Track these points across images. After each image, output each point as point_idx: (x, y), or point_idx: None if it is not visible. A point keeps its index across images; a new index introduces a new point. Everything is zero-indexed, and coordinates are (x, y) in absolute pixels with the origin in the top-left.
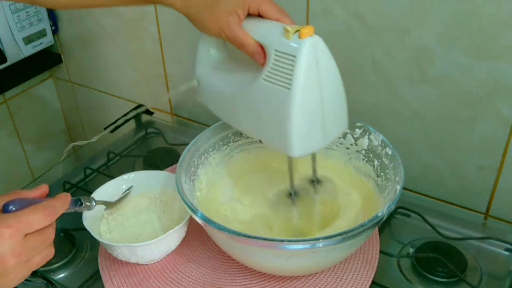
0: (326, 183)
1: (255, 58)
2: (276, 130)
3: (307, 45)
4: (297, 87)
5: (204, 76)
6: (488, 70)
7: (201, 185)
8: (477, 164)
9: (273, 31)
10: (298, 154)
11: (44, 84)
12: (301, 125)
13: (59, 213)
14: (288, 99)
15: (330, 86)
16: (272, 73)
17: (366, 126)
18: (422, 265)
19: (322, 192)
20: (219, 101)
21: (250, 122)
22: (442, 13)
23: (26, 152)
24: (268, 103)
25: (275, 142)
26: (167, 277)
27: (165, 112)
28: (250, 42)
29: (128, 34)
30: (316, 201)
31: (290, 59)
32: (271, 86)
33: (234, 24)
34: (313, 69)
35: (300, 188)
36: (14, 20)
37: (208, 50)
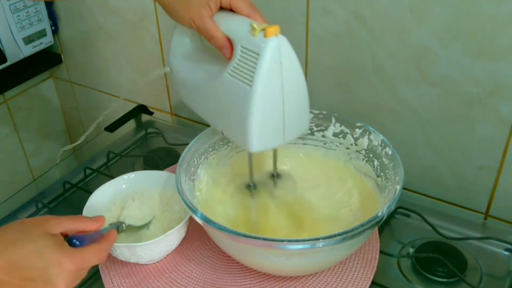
0: (285, 178)
1: (222, 51)
2: (237, 125)
3: (271, 44)
4: (258, 84)
5: (176, 65)
6: (488, 70)
7: (201, 185)
8: (477, 164)
9: (241, 27)
10: (256, 149)
11: (44, 84)
12: (261, 122)
13: (107, 249)
14: (249, 95)
15: (292, 86)
16: (236, 69)
17: (366, 126)
18: (422, 265)
19: (281, 186)
20: (188, 90)
21: (214, 114)
22: (442, 13)
23: (26, 152)
24: (231, 97)
25: (236, 136)
26: (167, 277)
27: (165, 112)
28: (218, 35)
29: (128, 34)
30: (275, 194)
31: (254, 56)
32: (234, 81)
33: (205, 16)
34: (275, 68)
35: (260, 181)
36: (14, 20)
37: (183, 40)
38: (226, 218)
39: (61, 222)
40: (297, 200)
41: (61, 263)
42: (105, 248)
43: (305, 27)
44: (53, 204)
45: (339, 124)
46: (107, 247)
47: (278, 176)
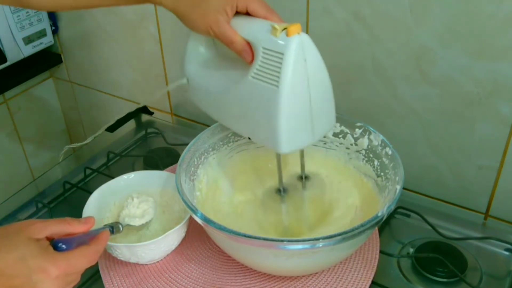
0: (314, 179)
1: (242, 56)
2: (264, 127)
3: (294, 42)
4: (284, 84)
5: (193, 74)
6: (488, 70)
7: (201, 185)
8: (477, 164)
9: (261, 29)
10: (286, 150)
11: (44, 84)
12: (289, 121)
13: (98, 252)
14: (276, 96)
15: (317, 83)
16: (260, 71)
17: (366, 126)
18: (422, 265)
19: (310, 187)
20: (208, 99)
21: (239, 120)
22: (442, 13)
23: (26, 152)
24: (256, 100)
25: (264, 139)
26: (167, 277)
27: (165, 112)
28: (238, 39)
29: (128, 34)
30: (305, 196)
31: (278, 57)
32: (259, 83)
33: (222, 22)
34: (300, 66)
35: (289, 184)
36: (14, 20)
37: (197, 48)
38: (258, 224)
39: (45, 225)
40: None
41: (45, 269)
42: (95, 250)
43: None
44: (53, 204)
45: (339, 124)
46: (98, 249)
47: (307, 178)
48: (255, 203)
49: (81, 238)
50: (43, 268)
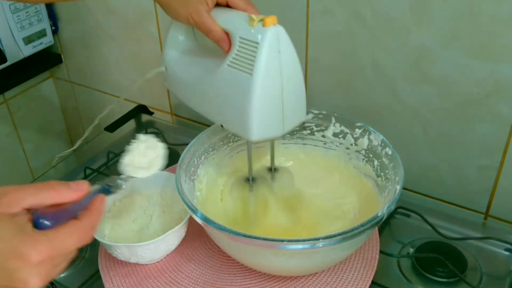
0: (283, 172)
1: (220, 44)
2: (237, 115)
3: (269, 33)
4: (258, 72)
5: (171, 62)
6: (488, 70)
7: (201, 185)
8: (477, 164)
9: (239, 20)
10: (256, 138)
11: (44, 84)
12: (261, 109)
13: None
14: (250, 84)
15: (290, 76)
16: (236, 59)
17: (366, 126)
18: (422, 265)
19: (278, 180)
20: (184, 87)
21: (213, 107)
22: (442, 13)
23: (26, 152)
24: (231, 88)
25: (236, 126)
26: (167, 277)
27: (165, 112)
28: (216, 28)
29: (128, 34)
30: (273, 187)
31: (253, 46)
32: (234, 71)
33: (202, 11)
34: (274, 57)
35: (258, 175)
36: (14, 20)
37: (177, 38)
38: (224, 210)
39: (22, 195)
40: (295, 194)
41: (22, 255)
42: (88, 225)
43: (305, 27)
44: None
45: (339, 124)
46: (91, 223)
47: (276, 170)
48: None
49: (70, 209)
50: (20, 253)
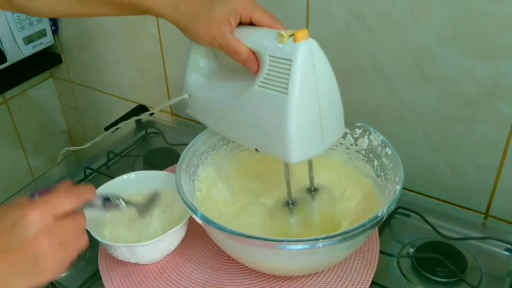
0: (323, 192)
1: (248, 65)
2: (273, 137)
3: (302, 48)
4: (294, 90)
5: (195, 89)
6: (488, 70)
7: (201, 185)
8: (477, 164)
9: (266, 38)
10: (296, 160)
11: (44, 84)
12: (299, 129)
13: (84, 198)
14: (285, 103)
15: (326, 90)
16: (267, 79)
17: (366, 126)
18: (422, 265)
19: (319, 201)
20: (211, 113)
21: (245, 131)
22: (442, 13)
23: (26, 152)
24: (264, 109)
25: (273, 150)
26: (167, 277)
27: (165, 112)
28: (243, 49)
29: (128, 34)
30: (314, 210)
31: (286, 63)
32: (267, 92)
33: (226, 33)
34: (309, 72)
35: (298, 197)
36: (14, 20)
37: (198, 62)
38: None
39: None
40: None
41: (24, 214)
42: (76, 190)
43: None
44: None
45: None
46: (80, 189)
47: (316, 191)
48: (261, 211)
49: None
50: (22, 214)
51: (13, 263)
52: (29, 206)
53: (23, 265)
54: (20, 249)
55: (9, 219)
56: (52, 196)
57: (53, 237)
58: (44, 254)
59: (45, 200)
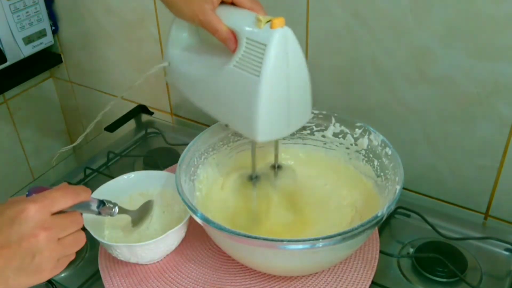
0: (286, 169)
1: (227, 44)
2: (243, 115)
3: (277, 35)
4: (265, 74)
5: (175, 58)
6: (488, 70)
7: (201, 185)
8: (477, 164)
9: (245, 20)
10: (262, 139)
11: (44, 84)
12: (267, 111)
13: (80, 197)
14: (257, 86)
15: (297, 77)
16: (242, 60)
17: (366, 126)
18: (422, 265)
19: (281, 177)
20: (188, 83)
21: (218, 106)
22: (442, 13)
23: (26, 152)
24: (237, 88)
25: (242, 127)
26: (167, 277)
27: (165, 112)
28: (222, 28)
29: (128, 34)
30: (276, 185)
31: (261, 48)
32: (241, 72)
33: (208, 10)
34: (282, 59)
35: (262, 173)
36: (14, 20)
37: (181, 34)
38: (226, 208)
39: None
40: (298, 191)
41: (23, 209)
42: (73, 187)
43: (305, 27)
44: None
45: (339, 124)
46: (77, 188)
47: (279, 168)
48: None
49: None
50: (20, 209)
51: (11, 257)
52: (26, 201)
53: (20, 260)
54: (18, 242)
55: (7, 214)
56: (49, 192)
57: (51, 231)
58: (41, 248)
59: (42, 195)
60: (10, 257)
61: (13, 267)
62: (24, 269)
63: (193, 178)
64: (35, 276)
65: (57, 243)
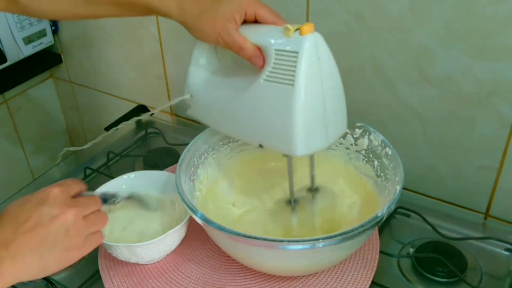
0: (324, 191)
1: (254, 61)
2: (278, 130)
3: (309, 41)
4: (300, 81)
5: (197, 88)
6: (488, 70)
7: (201, 185)
8: (477, 164)
9: (271, 32)
10: (301, 152)
11: (44, 84)
12: (305, 121)
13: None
14: (292, 95)
15: (330, 83)
16: (273, 73)
17: (366, 126)
18: (422, 265)
19: (320, 200)
20: (213, 111)
21: (249, 127)
22: (442, 13)
23: (26, 152)
24: (270, 102)
25: (278, 143)
26: (167, 277)
27: (165, 112)
28: (248, 45)
29: (128, 34)
30: (315, 209)
31: (292, 56)
32: (272, 85)
33: (231, 29)
34: (315, 65)
35: (299, 196)
36: (14, 20)
37: (199, 61)
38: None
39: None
40: (336, 217)
41: (46, 194)
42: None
43: None
44: None
45: None
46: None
47: (317, 191)
48: (262, 211)
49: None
50: (44, 193)
51: (46, 234)
52: (48, 188)
53: (54, 236)
54: (51, 220)
55: (35, 200)
56: (63, 181)
57: (77, 208)
58: (71, 224)
59: (60, 182)
60: (44, 234)
61: (47, 245)
62: (57, 245)
63: (193, 178)
64: (67, 253)
65: (83, 220)
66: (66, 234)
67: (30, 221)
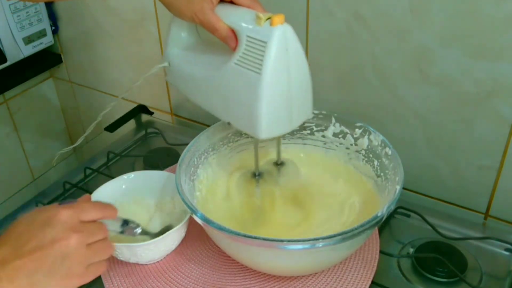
0: (288, 165)
1: (227, 42)
2: (245, 113)
3: (277, 32)
4: (266, 71)
5: (175, 58)
6: (488, 70)
7: (201, 185)
8: (477, 164)
9: (245, 18)
10: (264, 136)
11: (44, 84)
12: (269, 108)
13: (107, 212)
14: (258, 83)
15: (297, 74)
16: (243, 58)
17: (366, 126)
18: (422, 265)
19: (285, 174)
20: (188, 83)
21: (219, 104)
22: (442, 13)
23: (26, 152)
24: (238, 86)
25: (244, 125)
26: (167, 277)
27: (165, 112)
28: (222, 26)
29: (128, 34)
30: (279, 182)
31: (261, 45)
32: (242, 70)
33: (207, 9)
34: (282, 56)
35: (265, 169)
36: (14, 20)
37: (180, 33)
38: (230, 206)
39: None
40: (301, 187)
41: (54, 214)
42: (101, 202)
43: (305, 27)
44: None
45: (339, 124)
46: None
47: (282, 164)
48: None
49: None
50: (52, 213)
51: (42, 259)
52: (58, 207)
53: (51, 262)
54: (51, 244)
55: (40, 219)
56: (79, 202)
57: (81, 234)
58: (72, 251)
59: (72, 204)
60: (42, 259)
61: (44, 270)
62: (55, 272)
63: (193, 178)
64: (64, 281)
65: (86, 248)
66: (65, 261)
67: (30, 243)
